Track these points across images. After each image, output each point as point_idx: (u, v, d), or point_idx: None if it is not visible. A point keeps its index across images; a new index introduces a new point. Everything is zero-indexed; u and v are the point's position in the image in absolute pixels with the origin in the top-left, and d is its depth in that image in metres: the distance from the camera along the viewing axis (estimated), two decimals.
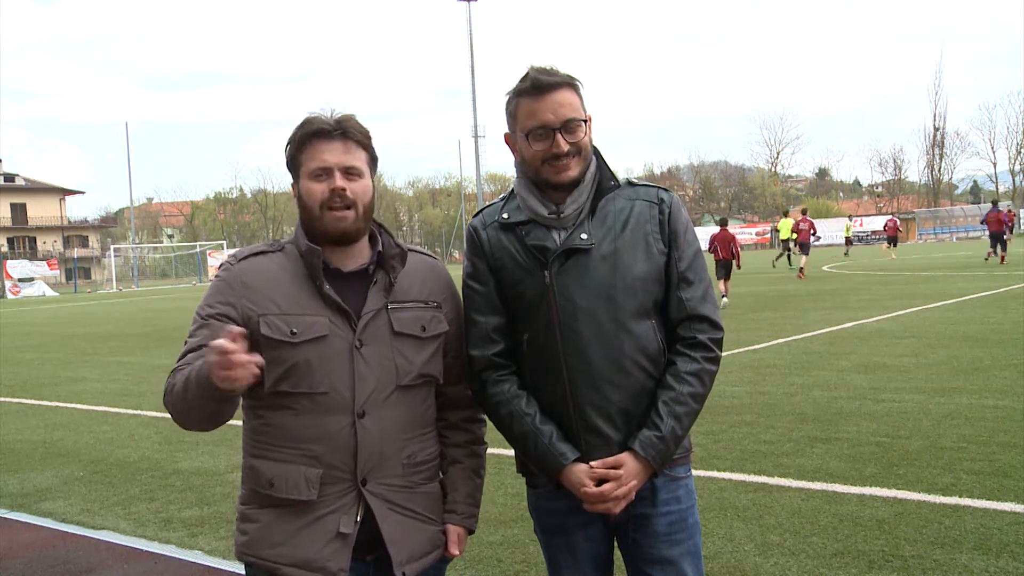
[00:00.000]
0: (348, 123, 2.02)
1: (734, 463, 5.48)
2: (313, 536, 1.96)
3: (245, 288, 2.00)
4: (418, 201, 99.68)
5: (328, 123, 2.01)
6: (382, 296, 2.05)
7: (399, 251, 2.09)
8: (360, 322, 2.00)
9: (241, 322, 1.96)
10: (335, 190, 1.98)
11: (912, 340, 10.40)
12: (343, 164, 2.00)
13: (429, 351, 2.09)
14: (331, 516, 1.97)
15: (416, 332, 2.07)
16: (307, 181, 2.01)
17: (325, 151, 2.00)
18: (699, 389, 2.10)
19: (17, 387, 11.05)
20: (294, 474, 1.96)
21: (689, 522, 2.17)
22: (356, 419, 1.97)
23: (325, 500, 1.96)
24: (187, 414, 1.90)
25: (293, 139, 2.04)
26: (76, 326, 22.40)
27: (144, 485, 5.87)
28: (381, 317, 2.03)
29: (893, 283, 20.37)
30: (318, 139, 2.00)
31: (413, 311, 2.08)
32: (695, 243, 2.18)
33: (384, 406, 2.01)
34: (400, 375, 2.03)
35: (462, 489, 2.17)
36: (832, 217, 69.21)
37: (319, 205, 1.99)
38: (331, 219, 1.99)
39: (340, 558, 1.96)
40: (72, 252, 72.63)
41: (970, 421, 6.15)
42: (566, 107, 2.05)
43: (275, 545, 1.97)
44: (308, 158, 2.01)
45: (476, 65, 62.65)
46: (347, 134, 2.01)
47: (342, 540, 1.96)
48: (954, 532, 4.08)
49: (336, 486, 1.97)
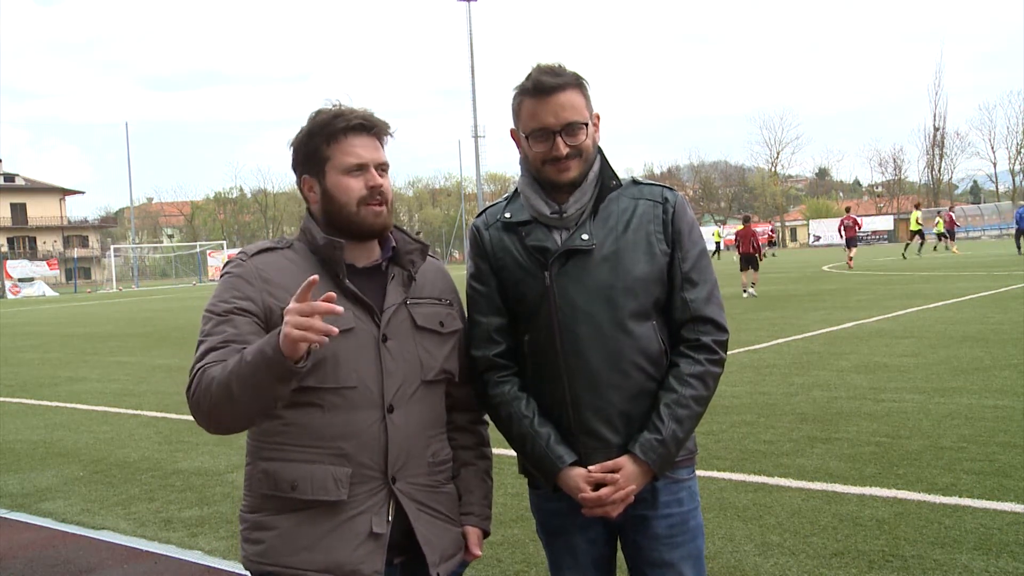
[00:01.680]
0: (375, 119, 2.01)
1: (734, 463, 5.47)
2: (344, 538, 1.88)
3: (264, 282, 1.94)
4: (418, 201, 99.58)
5: (362, 117, 1.98)
6: (402, 291, 2.03)
7: (419, 246, 2.09)
8: (383, 316, 1.98)
9: (263, 317, 1.91)
10: (374, 187, 1.96)
11: (912, 340, 10.39)
12: (377, 160, 1.99)
13: (448, 347, 2.08)
14: (362, 516, 1.90)
15: (436, 327, 2.06)
16: (341, 176, 1.97)
17: (359, 146, 1.97)
18: (702, 392, 2.08)
19: (17, 387, 11.04)
20: (320, 474, 1.88)
21: (691, 525, 2.15)
22: (385, 414, 1.93)
23: (355, 500, 1.90)
24: (231, 409, 1.77)
25: (319, 132, 1.98)
26: (76, 326, 22.39)
27: (144, 485, 5.87)
28: (402, 312, 2.01)
29: (893, 283, 20.36)
30: (352, 134, 1.97)
31: (431, 307, 2.07)
32: (700, 243, 2.16)
33: (411, 402, 1.98)
34: (424, 370, 2.01)
35: (477, 491, 2.16)
36: (832, 217, 69.18)
37: (356, 201, 1.96)
38: (370, 214, 1.97)
39: (374, 560, 1.89)
40: (72, 252, 72.59)
41: (970, 421, 6.14)
42: (568, 109, 2.03)
43: (300, 551, 1.88)
44: (340, 152, 1.97)
45: (476, 65, 62.66)
46: (378, 129, 2.00)
47: (375, 541, 1.90)
48: (954, 532, 4.08)
49: (366, 485, 1.91)
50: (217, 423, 1.84)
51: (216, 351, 1.84)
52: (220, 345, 1.84)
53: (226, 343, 1.84)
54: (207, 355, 1.84)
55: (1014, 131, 78.61)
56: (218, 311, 1.91)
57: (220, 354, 1.82)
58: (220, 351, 1.83)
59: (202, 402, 1.81)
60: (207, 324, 1.91)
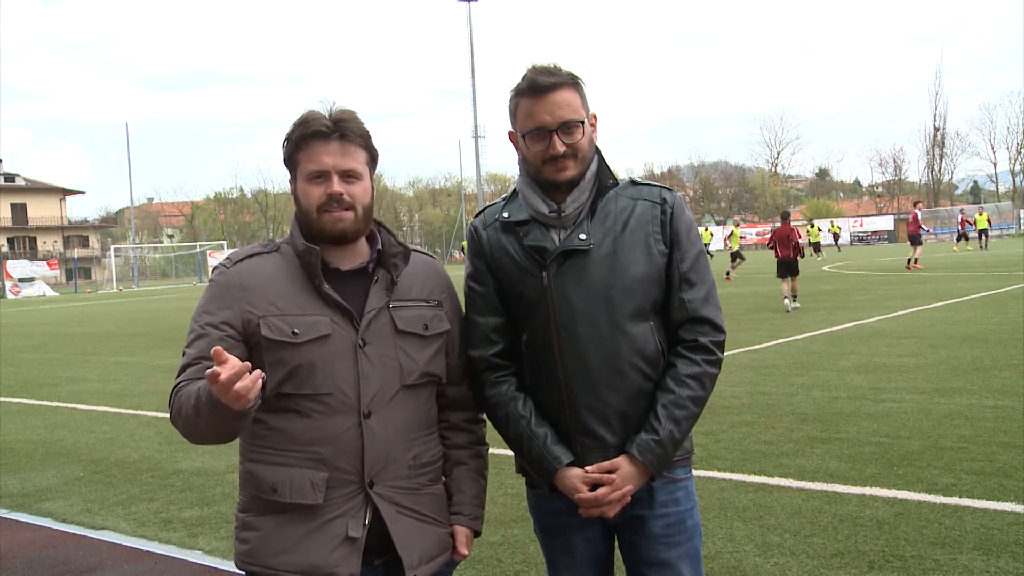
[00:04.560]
0: (346, 123, 1.97)
1: (734, 463, 5.47)
2: (320, 541, 1.92)
3: (243, 291, 1.96)
4: (418, 201, 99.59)
5: (326, 123, 1.95)
6: (384, 294, 2.03)
7: (402, 249, 2.07)
8: (362, 321, 1.98)
9: (241, 327, 1.94)
10: (332, 195, 1.95)
11: (912, 340, 10.40)
12: (340, 167, 1.96)
13: (432, 350, 2.07)
14: (338, 520, 1.93)
15: (419, 331, 2.05)
16: (304, 183, 1.98)
17: (322, 153, 1.95)
18: (699, 392, 2.08)
19: (17, 387, 11.05)
20: (299, 478, 1.92)
21: (688, 524, 2.15)
22: (362, 420, 1.95)
23: (332, 504, 1.93)
24: (201, 435, 1.86)
25: (290, 137, 2.00)
26: (76, 326, 22.40)
27: (144, 485, 5.87)
28: (383, 316, 2.01)
29: (893, 283, 20.36)
30: (315, 140, 1.96)
31: (415, 309, 2.06)
32: (698, 243, 2.16)
33: (390, 406, 1.98)
34: (405, 374, 2.01)
35: (468, 491, 2.16)
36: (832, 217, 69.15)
37: (316, 208, 1.97)
38: (329, 221, 1.97)
39: (350, 563, 1.92)
40: (72, 252, 72.58)
41: (970, 421, 6.15)
42: (564, 108, 2.04)
43: (279, 552, 1.93)
44: (305, 159, 1.97)
45: (476, 65, 62.65)
46: (345, 135, 1.96)
47: (351, 544, 1.93)
48: (954, 532, 4.08)
49: (343, 489, 1.94)
50: (195, 441, 1.92)
51: (192, 367, 1.92)
52: (195, 362, 1.93)
53: (199, 359, 1.92)
54: (184, 371, 1.93)
55: (1014, 131, 78.69)
56: (199, 323, 1.97)
57: (194, 371, 1.90)
58: (194, 368, 1.91)
59: (178, 422, 1.91)
60: (189, 335, 1.98)
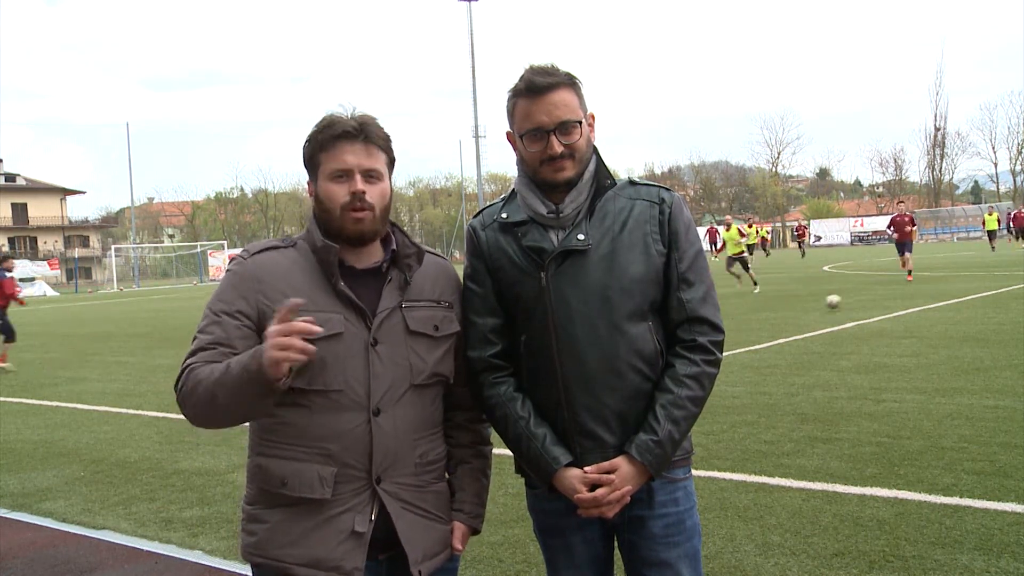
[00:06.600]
0: (370, 126, 2.03)
1: (734, 463, 5.47)
2: (326, 535, 1.96)
3: (259, 282, 2.01)
4: (419, 201, 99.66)
5: (351, 125, 2.02)
6: (397, 294, 2.06)
7: (416, 250, 2.11)
8: (375, 320, 2.01)
9: (256, 317, 1.98)
10: (355, 193, 1.99)
11: (913, 340, 10.39)
12: (364, 167, 2.01)
13: (442, 350, 2.10)
14: (345, 515, 1.97)
15: (429, 331, 2.08)
16: (327, 182, 2.02)
17: (347, 152, 2.01)
18: (698, 392, 2.08)
19: (17, 387, 11.05)
20: (307, 472, 1.96)
21: (687, 524, 2.15)
22: (371, 417, 1.98)
23: (339, 499, 1.97)
24: (214, 412, 1.89)
25: (313, 139, 2.05)
26: (77, 326, 22.41)
27: (145, 485, 5.87)
28: (396, 315, 2.04)
29: (893, 283, 20.35)
30: (341, 141, 2.01)
31: (426, 310, 2.09)
32: (697, 243, 2.16)
33: (399, 405, 2.02)
34: (414, 374, 2.04)
35: (470, 489, 2.19)
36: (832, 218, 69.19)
37: (339, 207, 2.01)
38: (350, 220, 2.01)
39: (355, 557, 1.96)
40: (73, 252, 72.65)
41: (971, 421, 6.14)
42: (561, 108, 2.04)
43: (286, 545, 1.97)
44: (329, 159, 2.02)
45: (477, 65, 62.56)
46: (369, 137, 2.02)
47: (357, 539, 1.97)
48: (955, 532, 4.07)
49: (350, 484, 1.97)
50: (201, 422, 1.97)
51: (204, 351, 1.95)
52: (208, 346, 1.96)
53: (213, 345, 1.95)
54: (196, 354, 1.96)
55: (1015, 131, 78.67)
56: (214, 310, 2.01)
57: (207, 355, 1.94)
58: (207, 352, 1.94)
59: (187, 401, 1.93)
60: (203, 321, 2.01)
